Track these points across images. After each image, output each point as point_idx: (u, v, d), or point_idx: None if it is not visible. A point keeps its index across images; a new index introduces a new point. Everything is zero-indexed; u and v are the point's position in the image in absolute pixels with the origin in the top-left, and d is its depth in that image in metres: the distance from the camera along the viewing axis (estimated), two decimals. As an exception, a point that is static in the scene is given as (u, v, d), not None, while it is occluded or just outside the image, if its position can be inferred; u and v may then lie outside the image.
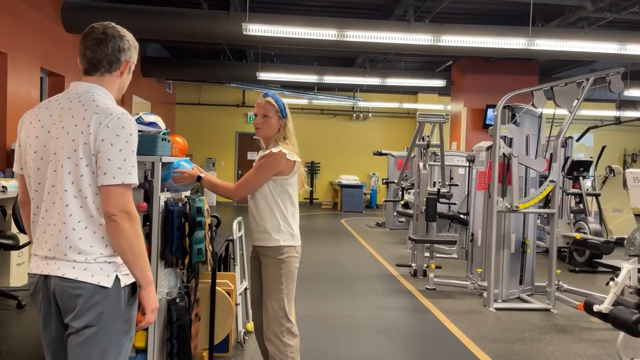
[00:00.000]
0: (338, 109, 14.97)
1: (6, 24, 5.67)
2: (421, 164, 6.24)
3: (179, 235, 2.60)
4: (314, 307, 4.74)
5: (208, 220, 3.02)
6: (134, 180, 1.62)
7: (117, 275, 1.66)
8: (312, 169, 15.08)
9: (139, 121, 2.75)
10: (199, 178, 2.62)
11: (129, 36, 1.78)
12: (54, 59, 6.89)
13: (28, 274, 1.69)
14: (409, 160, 6.76)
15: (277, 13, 7.51)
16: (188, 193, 2.98)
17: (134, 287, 1.74)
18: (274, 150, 2.66)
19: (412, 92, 14.37)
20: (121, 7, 7.36)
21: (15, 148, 1.79)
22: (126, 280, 1.69)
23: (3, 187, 4.75)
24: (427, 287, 5.57)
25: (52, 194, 1.63)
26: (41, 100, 6.96)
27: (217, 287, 3.24)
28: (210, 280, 3.17)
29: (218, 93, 14.16)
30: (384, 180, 8.71)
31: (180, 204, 2.63)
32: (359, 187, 13.74)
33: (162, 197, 2.56)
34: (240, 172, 14.46)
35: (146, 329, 2.54)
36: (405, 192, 7.53)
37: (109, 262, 1.65)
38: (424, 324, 4.40)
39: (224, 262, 3.95)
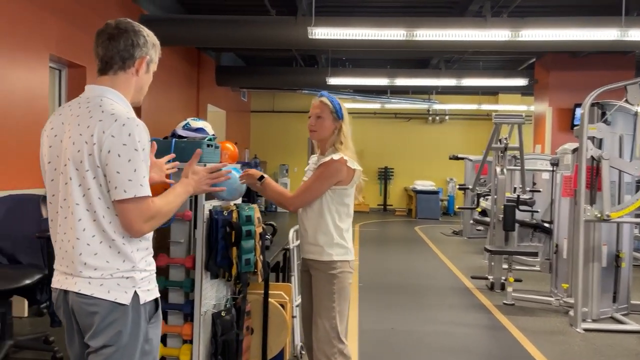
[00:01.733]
0: (412, 112, 14.55)
1: (85, 40, 5.95)
2: (498, 169, 5.79)
3: (224, 245, 2.48)
4: (379, 321, 4.49)
5: (259, 229, 2.89)
6: (147, 192, 1.50)
7: (135, 292, 1.54)
8: (386, 175, 14.76)
9: (186, 127, 2.68)
10: (261, 177, 2.47)
11: (145, 32, 1.65)
12: (130, 70, 7.17)
13: (51, 287, 1.62)
14: (484, 165, 6.31)
15: (344, 16, 7.36)
16: (239, 201, 2.87)
17: (156, 304, 1.62)
18: (335, 157, 2.47)
19: (492, 92, 13.67)
20: (194, 18, 7.54)
21: None
22: (146, 296, 1.57)
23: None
24: (504, 302, 5.12)
25: (64, 207, 1.54)
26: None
27: (270, 299, 3.10)
28: (262, 291, 3.04)
29: (291, 100, 14.25)
30: (459, 186, 8.26)
31: (225, 212, 2.51)
32: (435, 193, 13.24)
33: (207, 206, 2.45)
34: (313, 178, 14.44)
35: (190, 342, 2.45)
36: (482, 198, 7.06)
37: (127, 278, 1.53)
38: (500, 344, 4.01)
39: (282, 271, 3.82)
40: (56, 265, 1.59)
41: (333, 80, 10.06)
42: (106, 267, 1.52)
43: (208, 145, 2.49)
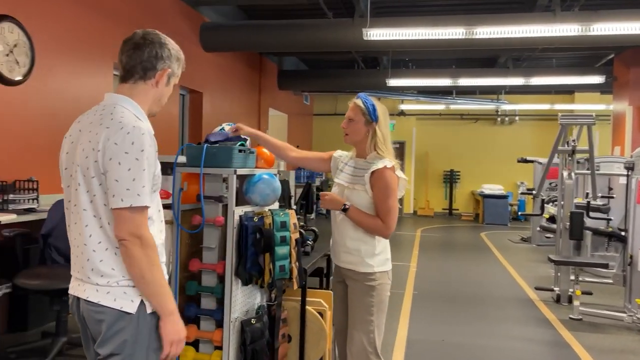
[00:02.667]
0: (480, 113, 14.01)
1: (148, 47, 6.20)
2: (565, 173, 5.41)
3: (254, 252, 2.45)
4: (429, 331, 4.30)
5: (295, 235, 2.84)
6: (144, 202, 1.48)
7: (142, 300, 1.53)
8: (452, 178, 14.30)
9: (221, 132, 2.68)
10: (345, 208, 2.39)
11: (171, 45, 1.65)
12: (192, 77, 7.39)
13: (68, 293, 1.65)
14: (549, 168, 5.91)
15: (401, 16, 7.19)
16: (275, 206, 2.83)
17: None
18: (387, 165, 2.37)
19: (567, 91, 12.89)
20: (254, 24, 7.66)
21: None
22: None
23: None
24: (571, 316, 4.76)
25: (74, 213, 1.56)
26: (181, 117, 7.52)
27: (307, 307, 3.04)
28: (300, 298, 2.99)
29: (354, 102, 14.15)
30: (523, 191, 7.81)
31: (256, 218, 2.48)
32: (504, 197, 12.65)
33: (237, 211, 2.44)
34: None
35: (221, 348, 2.44)
36: (549, 203, 6.63)
37: (133, 286, 1.52)
38: (561, 363, 3.72)
39: (326, 277, 3.75)
40: (72, 271, 1.62)
41: (393, 82, 9.87)
42: (112, 274, 1.52)
43: (240, 151, 2.47)
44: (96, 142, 1.49)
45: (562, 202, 5.43)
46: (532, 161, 8.95)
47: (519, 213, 12.21)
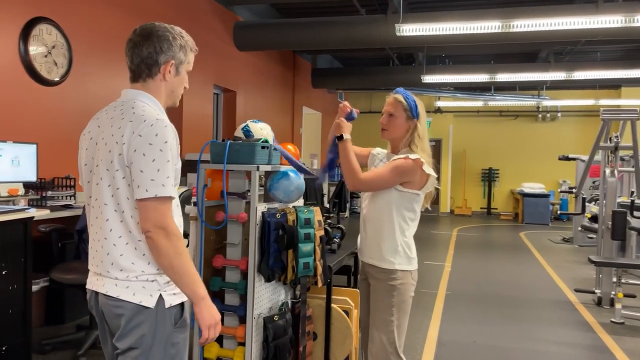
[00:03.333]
0: (520, 110, 13.62)
1: (182, 47, 6.31)
2: (608, 170, 5.18)
3: (277, 248, 2.44)
4: (461, 332, 4.20)
5: (320, 232, 2.81)
6: (169, 192, 1.48)
7: (161, 295, 1.54)
8: (490, 176, 13.97)
9: (245, 130, 2.68)
10: (341, 137, 2.31)
11: (171, 34, 1.61)
12: (226, 75, 7.48)
13: (86, 288, 1.67)
14: (590, 166, 5.67)
15: (435, 11, 7.05)
16: (299, 203, 2.82)
17: (182, 308, 1.61)
18: (412, 156, 2.31)
19: (613, 86, 12.38)
20: (287, 22, 7.67)
21: None
22: (172, 300, 1.57)
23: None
24: (612, 320, 4.56)
25: (95, 208, 1.58)
26: (215, 115, 7.62)
27: (333, 305, 3.02)
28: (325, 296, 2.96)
29: (389, 100, 14.02)
30: (563, 189, 7.52)
31: (279, 214, 2.47)
32: (545, 196, 12.26)
33: (260, 208, 2.43)
34: (411, 179, 14.07)
35: (244, 344, 2.44)
36: (591, 202, 6.38)
37: (152, 281, 1.54)
38: (599, 368, 3.56)
39: (354, 275, 3.71)
40: (90, 266, 1.65)
41: (428, 78, 9.71)
42: (132, 268, 1.53)
43: (262, 147, 2.47)
44: (120, 136, 1.51)
45: (604, 201, 5.21)
46: (574, 159, 8.64)
47: (559, 212, 11.80)
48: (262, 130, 2.67)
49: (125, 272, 1.53)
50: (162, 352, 1.54)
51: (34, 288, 3.86)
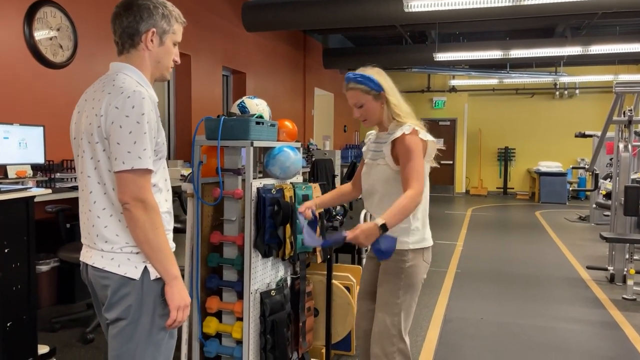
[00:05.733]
0: (536, 87, 13.36)
1: (190, 29, 6.28)
2: (621, 145, 5.05)
3: (272, 224, 2.44)
4: (468, 309, 4.18)
5: (319, 209, 2.81)
6: (145, 164, 1.48)
7: (146, 267, 1.55)
8: (506, 156, 13.77)
9: (240, 106, 2.67)
10: (383, 226, 1.95)
11: (153, 4, 1.59)
12: (235, 57, 7.45)
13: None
14: (603, 142, 5.54)
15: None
16: (297, 179, 2.81)
17: None
18: (406, 130, 2.12)
19: (633, 60, 12.03)
20: (296, 1, 7.58)
21: None
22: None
23: (182, 175, 5.27)
24: (624, 296, 4.49)
25: (81, 180, 1.60)
26: (225, 97, 7.61)
27: (334, 281, 3.02)
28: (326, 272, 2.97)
29: (403, 80, 13.85)
30: (575, 166, 7.38)
31: (274, 190, 2.46)
32: (562, 175, 12.05)
33: (255, 184, 2.43)
34: (425, 160, 13.94)
35: (242, 319, 2.46)
36: (606, 179, 6.24)
37: (137, 252, 1.54)
38: (609, 344, 3.51)
39: (358, 253, 3.70)
40: (82, 238, 1.67)
41: (441, 56, 9.55)
42: (116, 240, 1.54)
43: (257, 123, 2.45)
44: (99, 108, 1.51)
45: (617, 177, 5.09)
46: (590, 135, 8.47)
47: (570, 189, 11.61)
48: (257, 106, 2.66)
49: (109, 243, 1.54)
50: (150, 323, 1.55)
51: (44, 268, 3.95)
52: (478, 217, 9.57)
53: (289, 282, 2.76)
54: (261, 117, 2.53)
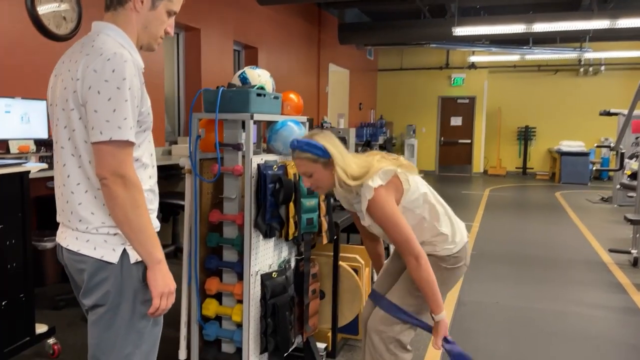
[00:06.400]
0: (560, 64, 12.90)
1: (200, 1, 6.11)
2: (650, 123, 4.78)
3: (273, 203, 2.30)
4: (483, 293, 4.03)
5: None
6: (126, 136, 1.32)
7: (124, 250, 1.41)
8: (526, 135, 13.41)
9: (242, 77, 2.52)
10: (438, 316, 1.91)
11: None
12: (247, 31, 7.26)
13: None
14: (630, 120, 5.27)
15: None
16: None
17: None
18: (368, 196, 1.90)
19: (663, 35, 11.50)
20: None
21: None
22: (138, 255, 1.42)
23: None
24: (648, 281, 4.30)
25: (56, 151, 1.45)
26: (234, 73, 7.44)
27: (341, 263, 2.89)
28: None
29: (420, 56, 13.51)
30: (599, 144, 7.08)
31: (275, 167, 2.32)
32: (584, 154, 11.69)
33: (255, 160, 2.29)
34: (442, 138, 13.66)
35: (242, 302, 2.35)
36: (632, 159, 5.97)
37: (115, 234, 1.40)
38: (629, 330, 3.34)
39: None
40: (57, 216, 1.54)
41: (460, 30, 9.22)
42: (91, 219, 1.40)
43: (258, 95, 2.30)
44: (75, 71, 1.36)
45: (644, 156, 4.84)
46: (615, 114, 8.14)
47: (593, 169, 11.27)
48: (259, 77, 2.50)
49: (84, 222, 1.40)
50: (131, 310, 1.43)
51: (49, 245, 3.89)
52: (495, 198, 9.33)
53: (292, 263, 2.64)
54: (262, 88, 2.38)
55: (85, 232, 1.41)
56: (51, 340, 2.78)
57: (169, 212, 4.69)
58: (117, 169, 1.32)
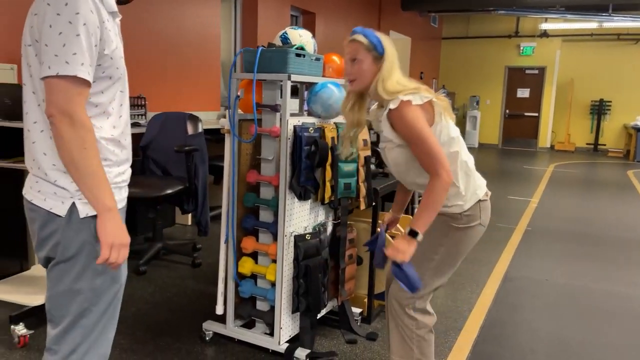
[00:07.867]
0: (643, 33, 11.92)
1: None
2: None
3: (308, 165, 2.29)
4: (533, 269, 3.88)
5: (364, 153, 2.63)
6: (74, 71, 1.24)
7: (74, 203, 1.34)
8: (600, 109, 12.59)
9: (283, 37, 2.49)
10: (415, 234, 1.78)
11: None
12: (305, -3, 7.17)
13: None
14: None
15: None
16: (340, 119, 2.62)
17: None
18: (392, 105, 1.81)
19: None
20: None
21: None
22: (89, 210, 1.34)
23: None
24: None
25: (23, 91, 1.41)
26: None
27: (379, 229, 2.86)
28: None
29: (488, 24, 12.88)
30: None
31: (312, 129, 2.30)
32: (664, 131, 10.85)
33: (291, 122, 2.28)
34: (507, 111, 13.07)
35: (276, 262, 2.39)
36: None
37: (64, 187, 1.34)
38: (691, 319, 3.12)
39: (411, 203, 3.50)
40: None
41: (531, -4, 8.67)
42: (42, 160, 1.34)
43: (297, 55, 2.27)
44: (35, 6, 1.32)
45: None
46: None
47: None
48: (301, 37, 2.47)
49: (36, 163, 1.36)
50: (82, 266, 1.37)
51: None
52: (560, 174, 8.88)
53: (330, 227, 2.64)
54: (302, 48, 2.34)
55: (38, 179, 1.37)
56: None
57: (221, 174, 4.81)
58: (64, 107, 1.26)
